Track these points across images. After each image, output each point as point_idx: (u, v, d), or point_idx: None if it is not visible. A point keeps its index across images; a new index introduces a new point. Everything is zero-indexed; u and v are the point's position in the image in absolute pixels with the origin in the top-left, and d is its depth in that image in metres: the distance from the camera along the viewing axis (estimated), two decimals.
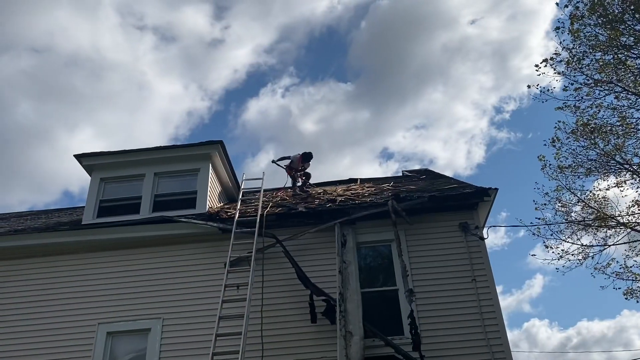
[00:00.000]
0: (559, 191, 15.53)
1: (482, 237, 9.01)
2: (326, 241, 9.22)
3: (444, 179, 11.96)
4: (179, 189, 10.69)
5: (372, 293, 8.87)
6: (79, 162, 10.81)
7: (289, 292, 8.82)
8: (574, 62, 13.84)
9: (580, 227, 15.25)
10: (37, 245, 9.79)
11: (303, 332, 8.48)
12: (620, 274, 15.35)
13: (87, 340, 8.84)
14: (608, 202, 15.48)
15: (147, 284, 9.26)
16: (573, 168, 14.84)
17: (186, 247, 9.55)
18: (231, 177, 11.73)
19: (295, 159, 11.61)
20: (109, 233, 9.74)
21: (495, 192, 9.27)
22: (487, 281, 8.65)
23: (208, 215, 9.94)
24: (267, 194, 11.48)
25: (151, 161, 10.80)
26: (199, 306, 8.91)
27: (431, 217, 9.36)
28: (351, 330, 8.05)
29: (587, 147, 14.71)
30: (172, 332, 8.77)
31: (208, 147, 10.84)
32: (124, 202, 10.57)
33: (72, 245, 9.74)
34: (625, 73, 13.86)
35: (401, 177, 13.23)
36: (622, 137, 14.60)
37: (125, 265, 9.51)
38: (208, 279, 9.15)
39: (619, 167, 14.83)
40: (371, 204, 9.53)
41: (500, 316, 8.36)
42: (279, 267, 9.06)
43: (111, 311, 9.07)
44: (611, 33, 13.20)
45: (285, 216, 9.59)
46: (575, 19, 13.54)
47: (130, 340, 8.94)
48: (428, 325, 8.34)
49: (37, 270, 9.64)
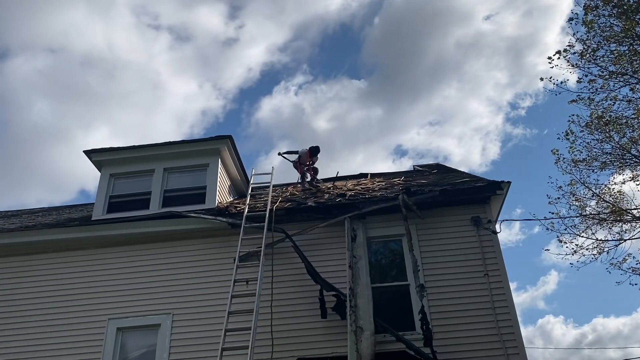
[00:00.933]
0: (573, 185, 15.31)
1: (494, 231, 8.87)
2: (336, 236, 9.13)
3: (455, 173, 11.80)
4: (189, 184, 10.65)
5: (382, 288, 8.77)
6: (88, 158, 10.82)
7: (299, 287, 8.74)
8: (588, 54, 13.61)
9: (595, 222, 15.02)
10: (47, 241, 9.81)
11: (313, 328, 8.41)
12: (636, 270, 15.09)
13: (97, 335, 8.84)
14: (623, 196, 15.24)
15: (157, 280, 9.24)
16: (587, 162, 14.60)
17: (195, 242, 9.51)
18: (240, 172, 11.67)
19: (303, 153, 11.53)
20: (118, 228, 9.73)
21: (508, 185, 9.11)
22: (500, 276, 8.51)
23: (217, 210, 9.89)
24: (277, 189, 11.42)
25: (160, 156, 10.77)
26: (209, 301, 8.88)
27: (443, 211, 9.23)
28: (362, 325, 7.96)
29: (602, 140, 14.48)
30: (181, 328, 8.74)
31: (217, 142, 10.78)
32: (133, 198, 10.54)
33: (82, 241, 9.75)
34: None
35: (412, 172, 13.07)
36: (638, 129, 14.35)
37: (135, 261, 9.50)
38: (217, 274, 9.10)
39: (635, 161, 14.58)
40: (381, 198, 9.42)
41: (513, 311, 8.22)
42: (289, 262, 8.99)
43: (121, 307, 9.06)
44: (626, 23, 12.94)
45: (294, 211, 9.51)
46: (589, 10, 13.30)
47: (140, 335, 8.93)
48: (440, 320, 8.22)
49: (48, 266, 9.66)
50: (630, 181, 15.04)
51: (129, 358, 8.81)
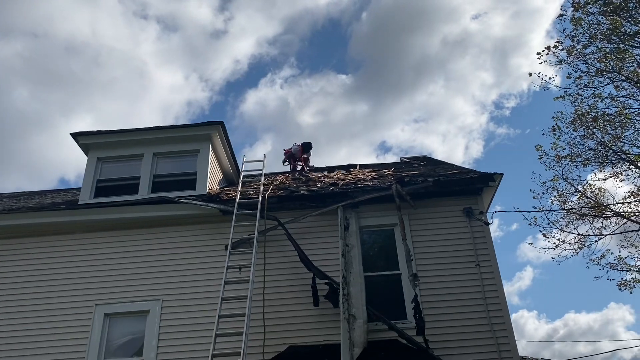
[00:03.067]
0: (555, 181, 15.51)
1: (486, 222, 8.94)
2: (329, 224, 9.10)
3: (444, 165, 11.86)
4: (179, 170, 10.48)
5: (375, 277, 8.77)
6: (75, 141, 10.57)
7: (291, 275, 8.71)
8: (576, 51, 13.77)
9: (577, 217, 15.25)
10: (32, 225, 9.58)
11: (305, 315, 8.38)
12: (614, 265, 15.41)
13: (84, 321, 8.68)
14: (605, 192, 15.51)
15: (146, 265, 9.10)
16: (571, 157, 14.80)
17: (186, 229, 9.39)
18: (231, 160, 11.54)
19: (296, 150, 11.78)
20: (106, 213, 9.55)
21: (500, 177, 9.19)
22: (491, 266, 8.59)
23: (208, 197, 9.78)
24: (267, 177, 11.31)
25: (150, 141, 10.57)
26: (199, 288, 8.78)
27: (435, 201, 9.27)
28: (354, 313, 7.96)
29: (586, 136, 14.69)
30: (171, 314, 8.64)
31: (208, 128, 10.63)
32: (122, 183, 10.33)
33: (69, 225, 9.54)
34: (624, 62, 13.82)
35: (401, 164, 13.11)
36: (620, 128, 14.59)
37: (123, 246, 9.34)
38: (208, 261, 9.02)
39: (616, 158, 14.83)
40: (374, 187, 9.41)
41: (504, 301, 8.31)
42: (281, 250, 8.94)
43: (109, 292, 8.91)
44: (613, 21, 13.13)
45: (287, 199, 9.45)
46: (578, 7, 13.45)
47: (128, 321, 8.79)
48: (431, 310, 8.26)
49: (33, 250, 9.44)
50: (611, 178, 15.32)
51: (116, 344, 8.66)
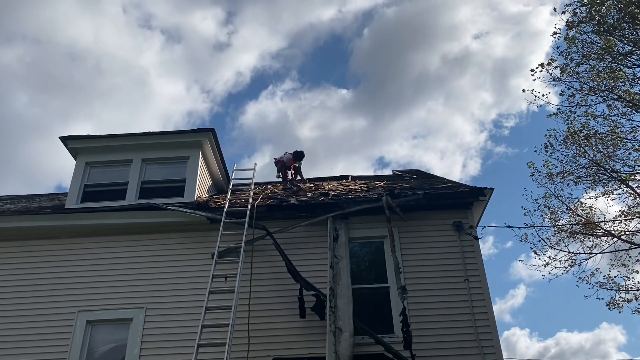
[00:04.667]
0: (547, 198, 15.51)
1: (476, 237, 8.88)
2: (318, 235, 9.01)
3: (436, 178, 11.83)
4: (167, 177, 10.38)
5: (363, 290, 8.66)
6: (64, 145, 10.46)
7: (278, 286, 8.58)
8: (569, 69, 13.85)
9: (568, 235, 15.23)
10: (17, 229, 9.43)
11: (291, 327, 8.25)
12: (603, 284, 15.36)
13: (65, 328, 8.50)
14: (595, 211, 15.51)
15: (131, 272, 8.95)
16: (563, 175, 14.81)
17: (172, 236, 9.26)
18: (221, 168, 11.45)
19: (288, 159, 11.58)
20: (92, 218, 9.42)
21: (490, 192, 9.14)
22: (480, 281, 8.51)
23: (196, 204, 9.67)
24: (257, 187, 11.27)
25: (139, 147, 10.47)
26: (184, 297, 8.64)
27: (425, 215, 9.21)
28: (341, 326, 7.85)
29: (578, 154, 14.72)
30: (155, 323, 8.48)
31: (199, 135, 10.55)
32: (109, 188, 10.23)
33: (54, 230, 9.40)
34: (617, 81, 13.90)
35: (393, 176, 13.07)
36: (612, 146, 14.64)
37: (108, 252, 9.19)
38: (194, 270, 8.88)
39: (607, 177, 14.86)
40: (365, 199, 9.34)
41: (492, 317, 8.22)
42: (269, 260, 8.82)
43: (92, 299, 8.75)
44: (606, 41, 13.22)
45: (276, 208, 9.36)
46: (572, 25, 13.54)
47: (111, 329, 8.62)
48: (419, 324, 8.15)
49: (17, 254, 9.27)
50: (601, 196, 15.34)
51: (98, 352, 8.48)
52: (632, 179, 14.15)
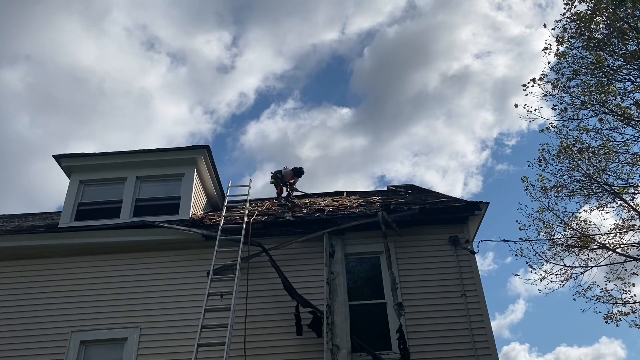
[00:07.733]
0: (541, 212, 15.54)
1: (472, 251, 8.86)
2: (314, 251, 8.97)
3: (431, 193, 11.83)
4: (162, 194, 10.32)
5: (359, 306, 8.59)
6: (57, 163, 10.40)
7: (275, 303, 8.51)
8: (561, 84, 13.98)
9: (563, 248, 15.23)
10: (10, 248, 9.34)
11: (288, 345, 8.16)
12: (600, 298, 15.35)
13: (59, 349, 8.36)
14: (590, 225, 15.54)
15: (125, 291, 8.85)
16: (557, 189, 14.86)
17: (167, 254, 9.19)
18: (216, 185, 11.42)
19: (287, 173, 11.39)
20: (86, 237, 9.34)
21: (486, 206, 9.15)
22: (478, 296, 8.46)
23: (191, 222, 9.61)
24: (252, 203, 11.21)
25: (133, 164, 10.43)
26: (179, 315, 8.54)
27: (421, 229, 9.19)
28: (338, 343, 7.77)
29: (571, 168, 14.79)
30: (150, 342, 8.36)
31: (193, 152, 10.53)
32: (103, 206, 10.15)
33: (48, 249, 9.30)
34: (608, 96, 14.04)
35: (388, 192, 13.06)
36: (605, 160, 14.73)
37: (102, 271, 9.10)
38: (189, 288, 8.80)
39: (601, 190, 14.92)
40: (360, 214, 9.33)
41: (490, 331, 8.16)
42: (265, 277, 8.76)
43: (86, 319, 8.63)
44: (597, 56, 13.39)
45: (272, 224, 9.32)
46: (562, 41, 13.72)
47: (105, 350, 8.50)
48: (416, 340, 8.08)
49: (9, 274, 9.17)
50: (595, 210, 15.39)
51: None
52: (626, 192, 14.21)
